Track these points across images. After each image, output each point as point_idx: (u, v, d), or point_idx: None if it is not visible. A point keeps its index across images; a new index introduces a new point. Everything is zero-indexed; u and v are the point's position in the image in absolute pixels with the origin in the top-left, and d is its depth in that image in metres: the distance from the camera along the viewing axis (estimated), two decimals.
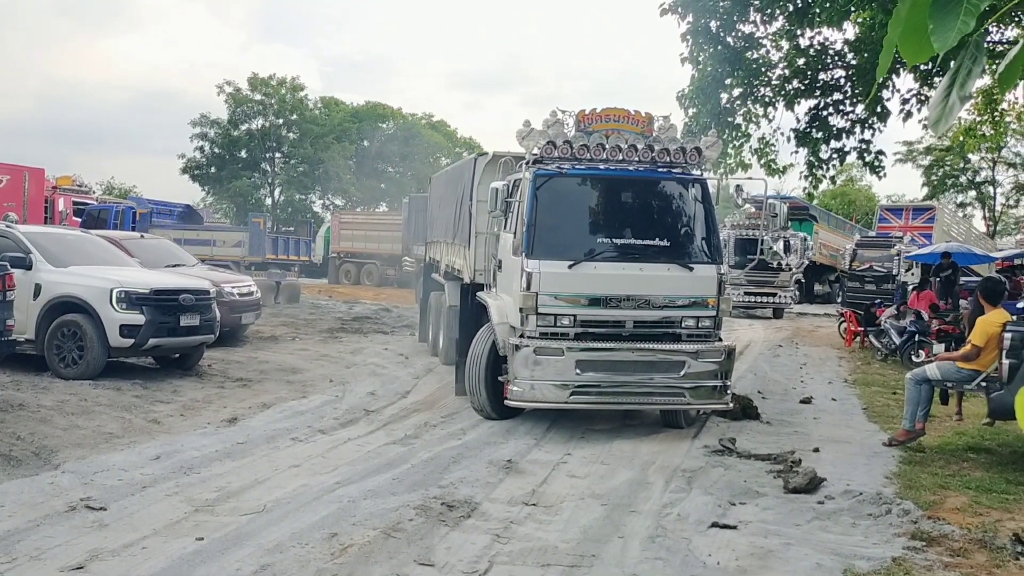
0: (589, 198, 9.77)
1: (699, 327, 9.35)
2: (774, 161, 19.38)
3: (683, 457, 8.46)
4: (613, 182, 9.70)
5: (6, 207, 22.68)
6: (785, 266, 28.16)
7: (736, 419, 10.38)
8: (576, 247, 9.26)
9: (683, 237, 9.76)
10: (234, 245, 26.65)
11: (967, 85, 1.74)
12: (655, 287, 9.22)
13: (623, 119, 9.68)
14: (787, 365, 16.45)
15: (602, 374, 9.07)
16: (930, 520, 6.44)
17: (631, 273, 9.19)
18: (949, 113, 1.78)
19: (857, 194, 63.94)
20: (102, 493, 6.51)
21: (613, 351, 9.13)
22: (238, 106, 59.07)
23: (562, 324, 9.14)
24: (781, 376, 14.83)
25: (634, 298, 9.16)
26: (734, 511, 6.70)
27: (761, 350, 18.85)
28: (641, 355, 9.16)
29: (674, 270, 9.25)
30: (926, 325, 15.70)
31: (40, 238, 12.32)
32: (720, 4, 17.20)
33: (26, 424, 8.55)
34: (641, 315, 9.24)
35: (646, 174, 9.66)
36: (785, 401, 12.21)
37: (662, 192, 9.84)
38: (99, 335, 11.19)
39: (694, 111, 18.69)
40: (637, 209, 9.83)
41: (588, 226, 9.64)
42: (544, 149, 9.33)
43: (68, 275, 11.63)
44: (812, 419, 10.87)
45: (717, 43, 18.02)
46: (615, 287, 9.14)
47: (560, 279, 9.05)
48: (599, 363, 9.09)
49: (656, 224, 9.72)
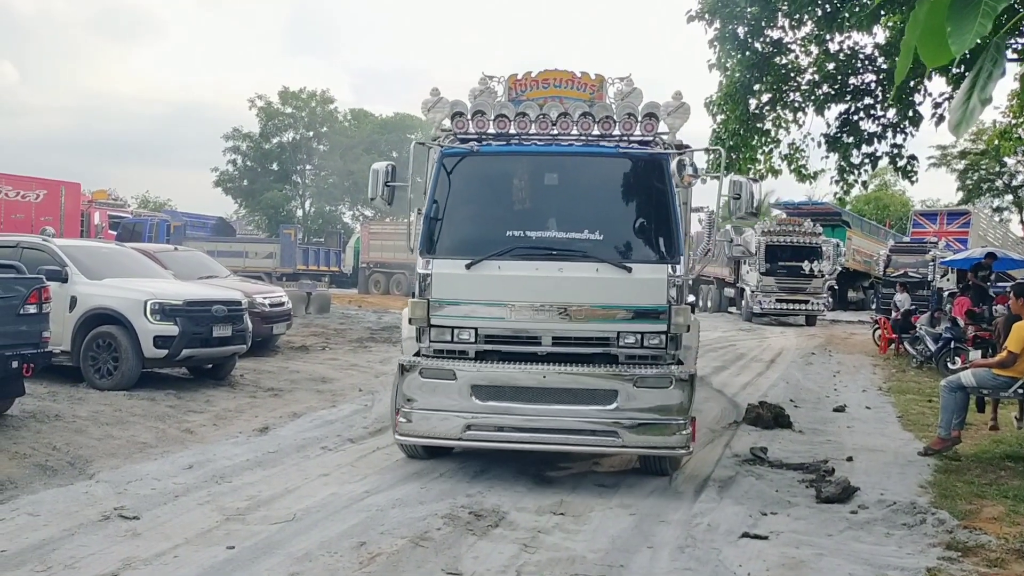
0: (506, 182, 7.93)
1: (644, 346, 7.29)
2: (805, 167, 19.25)
3: (714, 466, 8.38)
4: (536, 162, 7.83)
5: (43, 221, 23.14)
6: (818, 272, 27.92)
7: (768, 428, 10.28)
8: (483, 243, 7.47)
9: (624, 230, 7.71)
10: (265, 256, 26.96)
11: (988, 88, 1.71)
12: (577, 293, 7.26)
13: (566, 83, 7.89)
14: (820, 373, 16.28)
15: (506, 403, 7.24)
16: (966, 530, 6.32)
17: (546, 275, 7.26)
18: (970, 116, 1.75)
19: (891, 199, 63.22)
20: (135, 502, 6.59)
21: (519, 373, 7.26)
22: (269, 119, 59.84)
23: (461, 339, 7.41)
24: (814, 384, 14.67)
25: (551, 307, 7.24)
26: (765, 521, 6.63)
27: (793, 358, 18.68)
28: (556, 379, 7.21)
29: (605, 271, 7.22)
30: (962, 331, 15.46)
31: (76, 251, 12.52)
32: (748, 10, 17.15)
33: (62, 434, 8.68)
34: (562, 328, 7.29)
35: (578, 151, 7.71)
36: (818, 409, 12.07)
37: (601, 173, 7.82)
38: (133, 346, 11.34)
39: (722, 117, 18.65)
40: (566, 195, 7.88)
41: (501, 216, 7.76)
42: (455, 123, 7.68)
43: (103, 287, 11.80)
44: (845, 428, 10.73)
45: (745, 49, 17.96)
46: (525, 292, 7.28)
47: (457, 283, 7.35)
48: (502, 390, 7.27)
49: (589, 214, 7.63)
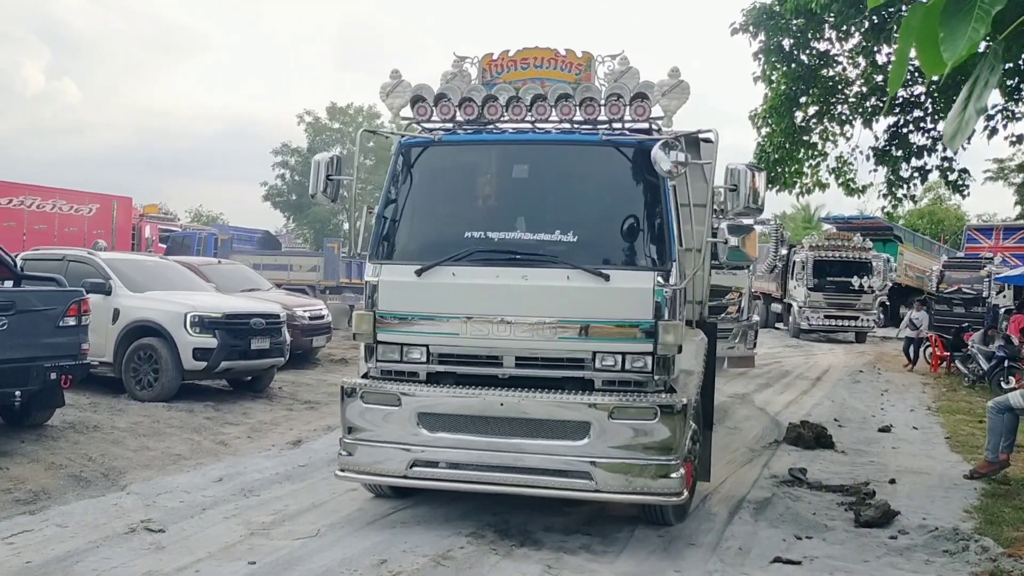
0: (470, 176, 6.99)
1: (626, 369, 6.08)
2: (853, 180, 18.88)
3: (750, 487, 8.17)
4: (503, 152, 6.84)
5: (95, 234, 23.66)
6: (868, 288, 27.33)
7: (809, 448, 10.02)
8: (439, 246, 6.47)
9: (605, 231, 6.57)
10: (310, 270, 27.19)
11: (983, 97, 1.60)
12: (545, 304, 6.14)
13: (548, 63, 6.73)
14: (867, 392, 15.89)
15: (459, 435, 6.19)
16: (1011, 558, 6.04)
17: (508, 283, 6.17)
18: (965, 127, 1.63)
19: (945, 213, 61.74)
20: (163, 515, 6.62)
21: (472, 400, 6.18)
22: (317, 135, 60.63)
23: (411, 359, 6.37)
24: (860, 403, 14.31)
25: (513, 321, 6.15)
26: (800, 545, 6.42)
27: (840, 376, 18.28)
28: (516, 407, 6.09)
29: (579, 279, 6.08)
30: (1016, 350, 14.95)
31: (120, 264, 12.73)
32: (793, 22, 16.86)
33: (99, 445, 8.78)
34: (526, 347, 6.19)
35: (552, 139, 6.70)
36: (863, 429, 11.75)
37: (580, 165, 6.74)
38: (173, 358, 11.47)
39: (767, 131, 18.38)
40: (537, 190, 6.84)
41: (462, 215, 6.77)
42: (416, 109, 6.62)
43: (145, 300, 11.97)
44: (890, 448, 10.42)
45: (791, 61, 17.67)
46: (483, 304, 6.22)
47: (407, 292, 6.34)
48: (453, 419, 6.21)
49: (563, 212, 6.58)
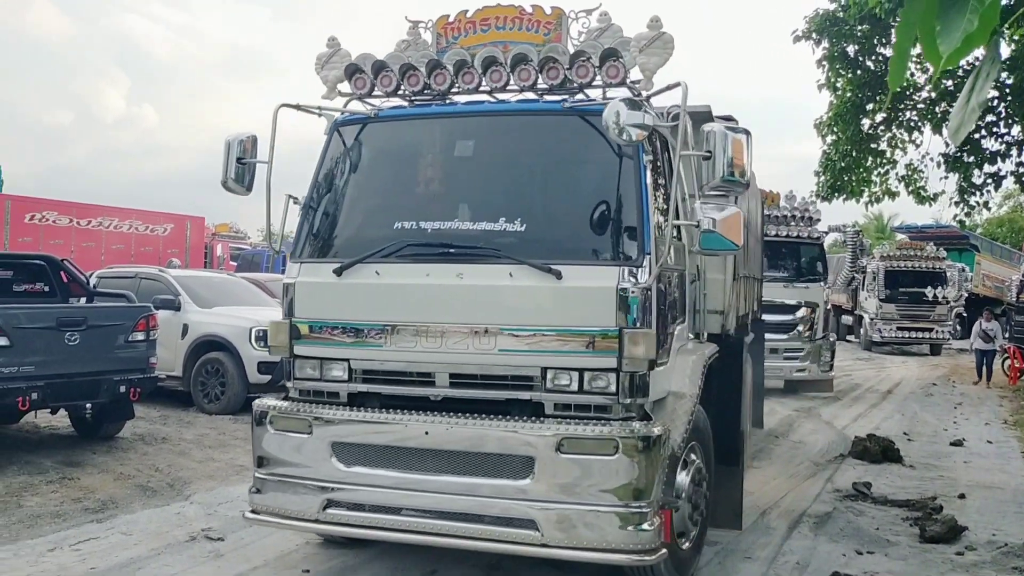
0: (412, 157, 5.87)
1: (585, 389, 4.87)
2: (923, 188, 18.40)
3: (811, 501, 7.98)
4: (446, 127, 5.78)
5: (170, 253, 24.40)
6: (942, 299, 26.52)
7: (876, 462, 9.76)
8: (367, 240, 5.44)
9: (562, 218, 5.41)
10: None
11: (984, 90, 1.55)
12: (484, 308, 5.01)
13: (512, 23, 5.62)
14: (940, 405, 15.40)
15: (379, 471, 5.09)
16: None
17: (440, 283, 5.07)
18: (968, 120, 1.59)
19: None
20: (223, 524, 6.77)
21: (391, 427, 5.08)
22: None
23: (331, 376, 5.35)
24: (932, 416, 13.87)
25: (445, 329, 5.04)
26: (860, 561, 6.25)
27: (912, 388, 17.77)
28: (444, 437, 4.96)
29: (524, 276, 4.92)
30: None
31: (189, 281, 13.13)
32: (858, 28, 16.60)
33: (166, 456, 9.04)
34: (462, 361, 5.05)
35: (501, 109, 5.62)
36: (934, 443, 11.39)
37: (536, 139, 5.63)
38: (239, 371, 11.75)
39: (833, 139, 18.05)
40: (484, 171, 5.72)
41: (395, 203, 5.69)
42: (355, 82, 5.63)
43: (212, 315, 12.30)
44: (962, 463, 10.08)
45: (856, 68, 17.39)
46: (410, 309, 5.13)
47: (325, 295, 5.37)
48: (372, 451, 5.14)
49: (513, 196, 5.46)
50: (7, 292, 9.92)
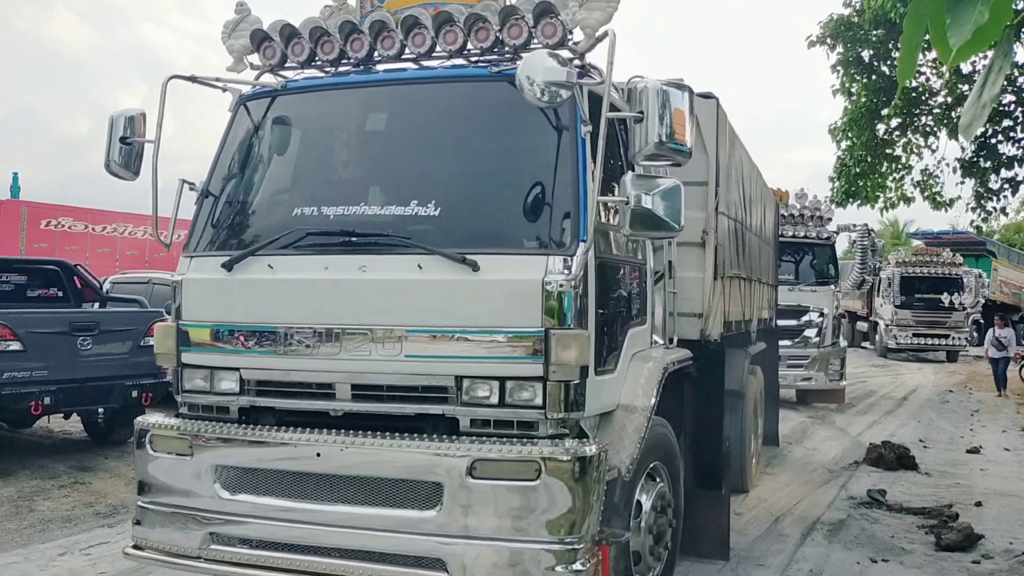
0: (323, 135, 5.22)
1: (507, 402, 4.15)
2: (939, 194, 18.29)
3: (825, 509, 7.91)
4: (359, 99, 5.04)
5: None
6: (959, 305, 26.31)
7: (891, 469, 9.67)
8: (263, 230, 4.81)
9: (483, 199, 4.66)
10: None
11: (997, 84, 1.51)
12: (388, 307, 4.34)
13: None
14: (956, 412, 15.27)
15: (267, 499, 4.42)
16: None
17: (341, 277, 4.44)
18: (980, 116, 1.55)
19: None
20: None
21: (277, 449, 4.42)
22: None
23: (221, 389, 4.66)
24: (948, 424, 13.76)
25: (345, 332, 4.37)
26: (874, 569, 6.18)
27: (928, 396, 17.64)
28: (337, 460, 4.30)
29: (434, 268, 4.23)
30: None
31: None
32: (872, 33, 16.53)
33: None
34: (364, 369, 4.37)
35: (417, 76, 4.84)
36: (950, 450, 11.28)
37: (458, 109, 4.85)
38: None
39: (847, 144, 17.98)
40: (396, 148, 4.94)
41: (304, 187, 5.01)
42: (264, 52, 4.94)
43: None
44: (979, 470, 9.97)
45: (871, 73, 17.31)
46: (306, 308, 4.49)
47: (215, 293, 4.72)
48: (258, 476, 4.49)
49: (429, 175, 4.74)
50: (21, 297, 9.98)
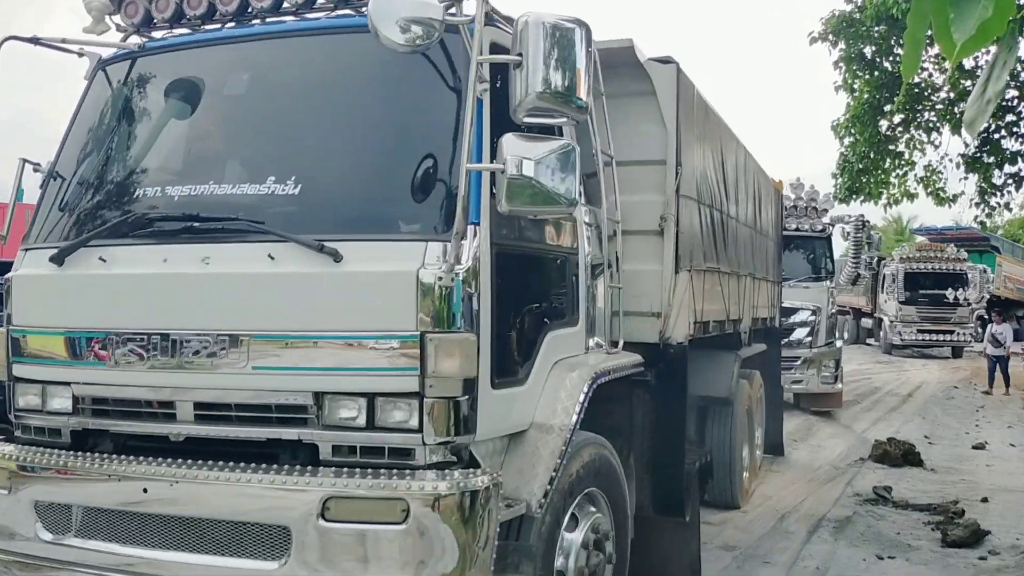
0: (177, 103, 4.36)
1: (377, 423, 3.42)
2: (942, 189, 18.24)
3: (831, 505, 7.91)
4: (219, 58, 4.26)
5: None
6: (963, 301, 26.27)
7: (896, 466, 9.66)
8: (102, 217, 4.13)
9: (351, 176, 3.88)
10: None
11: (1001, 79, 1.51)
12: (233, 307, 3.63)
13: None
14: (961, 408, 15.28)
15: (98, 544, 3.70)
16: None
17: (180, 271, 3.72)
18: (985, 111, 1.55)
19: None
20: None
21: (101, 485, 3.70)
22: None
23: (53, 407, 3.97)
24: (953, 420, 13.76)
25: (182, 339, 3.64)
26: (880, 566, 6.18)
27: (933, 392, 17.64)
28: (169, 498, 3.56)
29: (289, 259, 3.51)
30: None
31: None
32: (874, 29, 16.49)
33: None
34: (207, 384, 3.68)
35: (283, 29, 4.15)
36: (955, 446, 11.28)
37: (330, 68, 4.09)
38: None
39: (850, 140, 17.93)
40: (258, 114, 4.17)
41: (152, 165, 4.24)
42: (126, 11, 4.29)
43: None
44: (984, 466, 9.98)
45: (873, 69, 17.27)
46: (139, 309, 3.77)
47: (45, 293, 4.07)
48: (90, 516, 3.77)
49: (292, 147, 3.99)
50: None
